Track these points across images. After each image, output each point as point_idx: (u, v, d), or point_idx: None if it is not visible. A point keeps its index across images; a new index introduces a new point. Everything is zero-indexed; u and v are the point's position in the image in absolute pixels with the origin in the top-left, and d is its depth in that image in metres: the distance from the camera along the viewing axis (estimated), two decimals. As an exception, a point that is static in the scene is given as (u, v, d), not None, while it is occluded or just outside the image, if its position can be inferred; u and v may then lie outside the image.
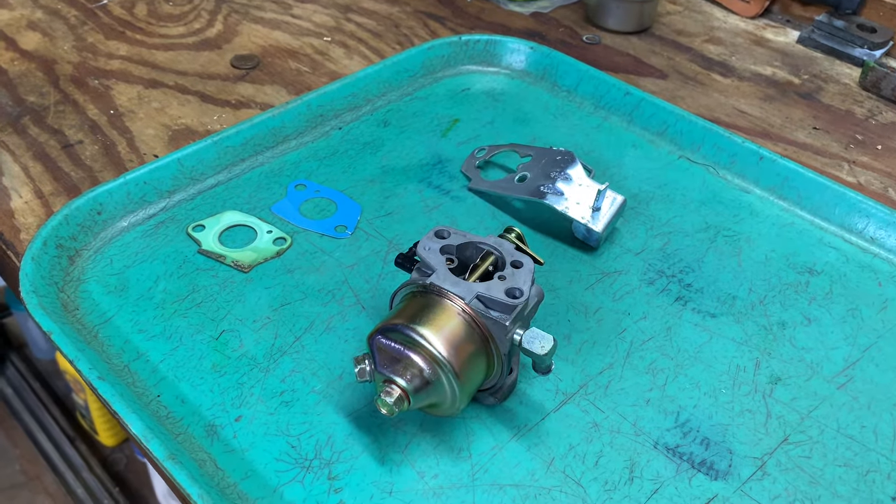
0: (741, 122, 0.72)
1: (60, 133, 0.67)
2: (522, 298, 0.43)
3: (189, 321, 0.52)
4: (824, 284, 0.57)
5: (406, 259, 0.48)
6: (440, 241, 0.46)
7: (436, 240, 0.46)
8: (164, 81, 0.74)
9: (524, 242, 0.50)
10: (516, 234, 0.50)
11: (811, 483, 0.45)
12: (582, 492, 0.44)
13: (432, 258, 0.45)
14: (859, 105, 0.76)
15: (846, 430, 0.48)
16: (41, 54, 0.76)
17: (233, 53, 0.78)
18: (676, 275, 0.57)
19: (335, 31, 0.83)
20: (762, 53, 0.83)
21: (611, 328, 0.53)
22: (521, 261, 0.46)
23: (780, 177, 0.64)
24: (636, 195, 0.63)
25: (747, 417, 0.48)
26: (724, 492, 0.44)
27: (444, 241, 0.46)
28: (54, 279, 0.53)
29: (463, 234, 0.47)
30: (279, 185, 0.62)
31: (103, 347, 0.50)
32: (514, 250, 0.46)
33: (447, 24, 0.84)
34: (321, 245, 0.58)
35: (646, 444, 0.47)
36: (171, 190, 0.60)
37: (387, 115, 0.70)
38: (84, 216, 0.56)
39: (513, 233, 0.50)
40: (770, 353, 0.52)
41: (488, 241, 0.47)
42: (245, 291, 0.54)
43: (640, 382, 0.50)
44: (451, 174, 0.65)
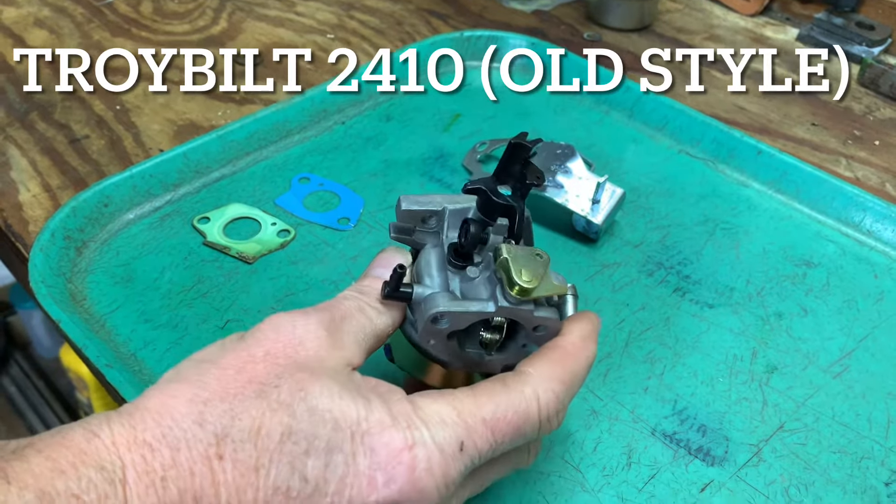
0: (740, 119, 0.73)
1: (67, 128, 0.68)
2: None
3: (195, 311, 0.53)
4: (821, 276, 0.58)
5: (395, 289, 0.37)
6: (444, 327, 0.36)
7: (435, 329, 0.36)
8: (169, 78, 0.74)
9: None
10: (522, 289, 0.35)
11: (806, 469, 0.46)
12: (580, 477, 0.45)
13: (440, 349, 0.38)
14: (857, 101, 0.77)
15: (841, 417, 0.49)
16: (48, 51, 0.77)
17: (237, 50, 0.79)
18: (675, 266, 0.58)
19: (338, 28, 0.84)
20: (762, 51, 0.84)
21: (610, 318, 0.54)
22: (544, 324, 0.37)
23: (778, 171, 0.64)
24: (636, 189, 0.64)
25: (744, 405, 0.49)
26: (720, 477, 0.45)
27: (448, 328, 0.36)
28: (62, 270, 0.54)
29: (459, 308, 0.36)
30: (283, 178, 0.63)
31: (111, 336, 0.51)
32: (532, 313, 0.36)
33: (449, 22, 0.85)
34: (324, 237, 0.59)
35: (644, 430, 0.47)
36: (176, 183, 0.61)
37: (389, 109, 0.71)
38: (91, 208, 0.57)
39: (517, 287, 0.35)
40: (767, 343, 0.53)
41: (501, 314, 0.36)
42: (250, 282, 0.55)
43: (638, 371, 0.51)
44: (453, 168, 0.65)
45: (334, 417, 0.31)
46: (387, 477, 0.31)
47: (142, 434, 0.29)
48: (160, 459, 0.29)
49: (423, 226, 0.40)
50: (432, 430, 0.32)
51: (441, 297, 0.36)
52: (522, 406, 0.34)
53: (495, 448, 0.34)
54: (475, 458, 0.33)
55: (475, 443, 0.33)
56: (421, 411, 0.33)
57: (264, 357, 0.33)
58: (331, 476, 0.31)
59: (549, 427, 0.36)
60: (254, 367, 0.32)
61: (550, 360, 0.36)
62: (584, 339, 0.38)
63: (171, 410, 0.30)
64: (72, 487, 0.27)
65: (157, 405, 0.30)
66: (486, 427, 0.33)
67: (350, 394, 0.32)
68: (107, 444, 0.29)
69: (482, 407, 0.34)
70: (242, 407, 0.31)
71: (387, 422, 0.32)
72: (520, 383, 0.35)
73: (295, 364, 0.33)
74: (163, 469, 0.29)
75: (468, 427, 0.33)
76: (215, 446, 0.30)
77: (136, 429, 0.30)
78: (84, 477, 0.28)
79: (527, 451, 0.39)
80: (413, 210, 0.39)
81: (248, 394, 0.31)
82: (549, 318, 0.37)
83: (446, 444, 0.32)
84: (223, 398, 0.31)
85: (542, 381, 0.35)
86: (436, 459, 0.32)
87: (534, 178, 0.38)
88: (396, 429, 0.32)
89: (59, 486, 0.27)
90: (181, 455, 0.29)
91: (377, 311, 0.37)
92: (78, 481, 0.27)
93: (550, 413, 0.35)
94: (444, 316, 0.36)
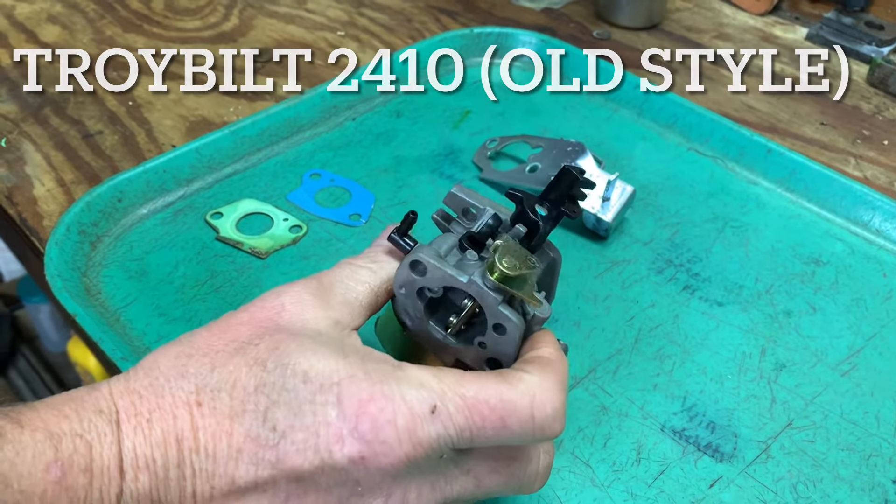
0: (749, 117, 0.73)
1: (80, 123, 0.68)
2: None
3: (208, 305, 0.53)
4: (830, 275, 0.58)
5: (402, 233, 0.39)
6: (418, 276, 0.37)
7: (413, 275, 0.38)
8: (180, 74, 0.75)
9: (520, 282, 0.36)
10: (500, 273, 0.35)
11: (814, 466, 0.46)
12: (591, 472, 0.45)
13: (409, 305, 0.39)
14: (866, 101, 0.77)
15: (849, 415, 0.49)
16: (61, 47, 0.78)
17: (248, 47, 0.79)
18: (684, 264, 0.58)
19: (348, 25, 0.84)
20: (771, 50, 0.84)
21: (619, 315, 0.54)
22: (504, 325, 0.37)
23: (787, 169, 0.65)
24: (645, 186, 0.64)
25: (752, 402, 0.49)
26: (729, 473, 0.46)
27: (421, 279, 0.37)
28: (77, 264, 0.54)
29: (438, 264, 0.37)
30: (294, 174, 0.64)
31: (125, 330, 0.51)
32: (498, 304, 0.36)
33: (458, 19, 0.85)
34: (336, 233, 0.59)
35: (653, 427, 0.48)
36: (189, 178, 0.62)
37: (400, 106, 0.71)
38: (105, 203, 0.58)
39: (495, 272, 0.35)
40: (776, 341, 0.53)
41: (469, 288, 0.36)
42: (262, 277, 0.55)
43: (647, 368, 0.51)
44: (463, 164, 0.66)
45: (304, 370, 0.33)
46: (350, 426, 0.32)
47: (133, 384, 0.33)
48: (146, 404, 0.33)
49: (463, 218, 0.41)
50: (403, 388, 0.33)
51: (428, 249, 0.38)
52: (511, 397, 0.33)
53: (474, 431, 0.33)
54: (450, 430, 0.33)
55: (448, 410, 0.33)
56: (400, 371, 0.34)
57: (248, 321, 0.35)
58: (298, 425, 0.32)
59: (544, 430, 0.34)
60: (238, 328, 0.35)
61: (546, 365, 0.36)
62: (559, 350, 0.38)
63: (159, 364, 0.34)
64: (75, 428, 0.31)
65: (149, 361, 0.34)
66: (465, 403, 0.33)
67: (328, 350, 0.34)
68: (104, 394, 0.33)
69: (465, 385, 0.33)
70: (221, 361, 0.34)
71: (358, 375, 0.33)
72: (515, 379, 0.34)
73: (276, 326, 0.35)
74: (149, 412, 0.32)
75: (444, 396, 0.33)
76: (195, 394, 0.33)
77: (129, 381, 0.34)
78: (85, 419, 0.32)
79: (527, 462, 0.37)
80: (459, 197, 0.41)
81: (229, 350, 0.34)
82: (511, 319, 0.36)
83: (416, 404, 0.33)
84: (205, 353, 0.34)
85: (541, 381, 0.34)
86: (402, 413, 0.32)
87: (570, 209, 0.39)
88: (367, 382, 0.33)
89: (64, 427, 0.31)
90: (165, 401, 0.33)
91: (369, 270, 0.39)
92: (80, 423, 0.32)
93: (547, 414, 0.34)
94: (420, 264, 0.37)
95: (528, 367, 0.35)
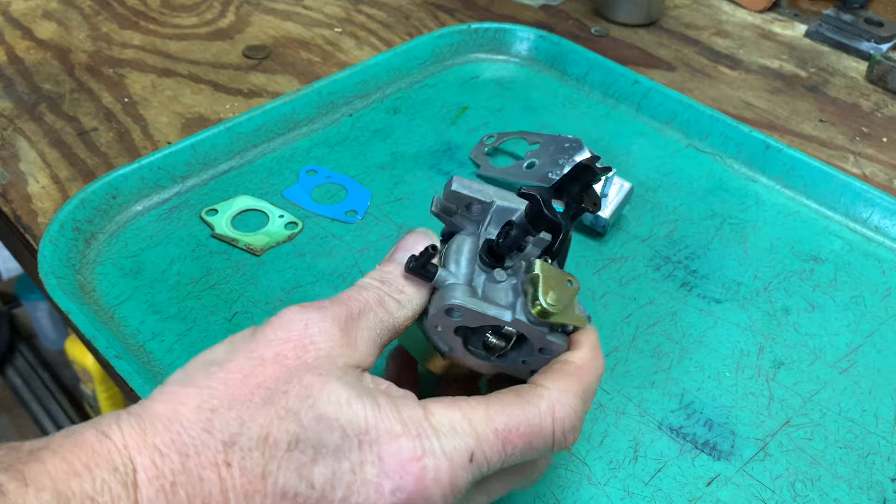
0: (748, 114, 0.73)
1: (76, 120, 0.68)
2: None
3: (203, 303, 0.53)
4: (829, 272, 0.58)
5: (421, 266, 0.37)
6: (456, 319, 0.36)
7: (447, 319, 0.36)
8: (177, 71, 0.75)
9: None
10: (544, 310, 0.35)
11: (812, 464, 0.46)
12: (587, 470, 0.45)
13: (445, 338, 0.38)
14: (865, 98, 0.77)
15: (847, 413, 0.49)
16: (56, 43, 0.78)
17: (245, 43, 0.79)
18: (682, 261, 0.58)
19: (346, 21, 0.84)
20: (770, 47, 0.84)
21: (617, 312, 0.54)
22: (550, 348, 0.37)
23: (786, 166, 0.64)
24: (643, 183, 0.64)
25: (750, 400, 0.49)
26: (727, 471, 0.45)
27: (459, 321, 0.36)
28: (71, 261, 0.54)
29: (476, 307, 0.36)
30: (290, 170, 0.63)
31: (119, 328, 0.51)
32: (546, 336, 0.36)
33: (456, 16, 0.85)
34: (332, 230, 0.59)
35: (650, 424, 0.47)
36: (184, 175, 0.61)
37: (397, 102, 0.71)
38: (100, 200, 0.57)
39: (539, 307, 0.35)
40: (774, 339, 0.53)
41: (516, 326, 0.36)
42: (258, 274, 0.55)
43: (645, 365, 0.51)
44: (461, 161, 0.66)
45: (342, 425, 0.31)
46: (394, 486, 0.31)
47: (151, 438, 0.30)
48: (170, 465, 0.29)
49: (466, 211, 0.39)
50: (442, 440, 0.32)
51: (461, 291, 0.36)
52: (536, 420, 0.34)
53: (505, 460, 0.34)
54: (484, 469, 0.33)
55: (485, 453, 0.33)
56: (433, 418, 0.33)
57: (273, 359, 0.32)
58: (338, 483, 0.31)
59: (563, 443, 0.35)
60: (262, 370, 0.32)
61: (567, 375, 0.36)
62: (594, 350, 0.38)
63: (180, 417, 0.30)
64: (87, 489, 0.28)
65: (167, 410, 0.31)
66: (497, 438, 0.33)
67: (360, 399, 0.32)
68: (118, 445, 0.29)
69: (494, 417, 0.34)
70: (250, 414, 0.31)
71: (397, 430, 0.32)
72: (535, 396, 0.35)
73: (304, 366, 0.32)
74: (172, 474, 0.29)
75: (479, 437, 0.33)
76: (223, 453, 0.30)
77: (146, 433, 0.30)
78: (98, 478, 0.28)
79: (534, 467, 0.38)
80: (461, 194, 0.38)
81: (256, 400, 0.31)
82: (559, 344, 0.37)
83: (456, 454, 0.32)
84: (231, 405, 0.31)
85: (560, 395, 0.35)
86: (444, 469, 0.32)
87: (590, 203, 0.37)
88: (406, 437, 0.32)
89: (74, 487, 0.28)
90: (190, 461, 0.30)
91: (398, 303, 0.37)
92: (93, 482, 0.28)
93: (566, 429, 0.35)
94: (458, 309, 0.36)
95: (547, 380, 0.36)
